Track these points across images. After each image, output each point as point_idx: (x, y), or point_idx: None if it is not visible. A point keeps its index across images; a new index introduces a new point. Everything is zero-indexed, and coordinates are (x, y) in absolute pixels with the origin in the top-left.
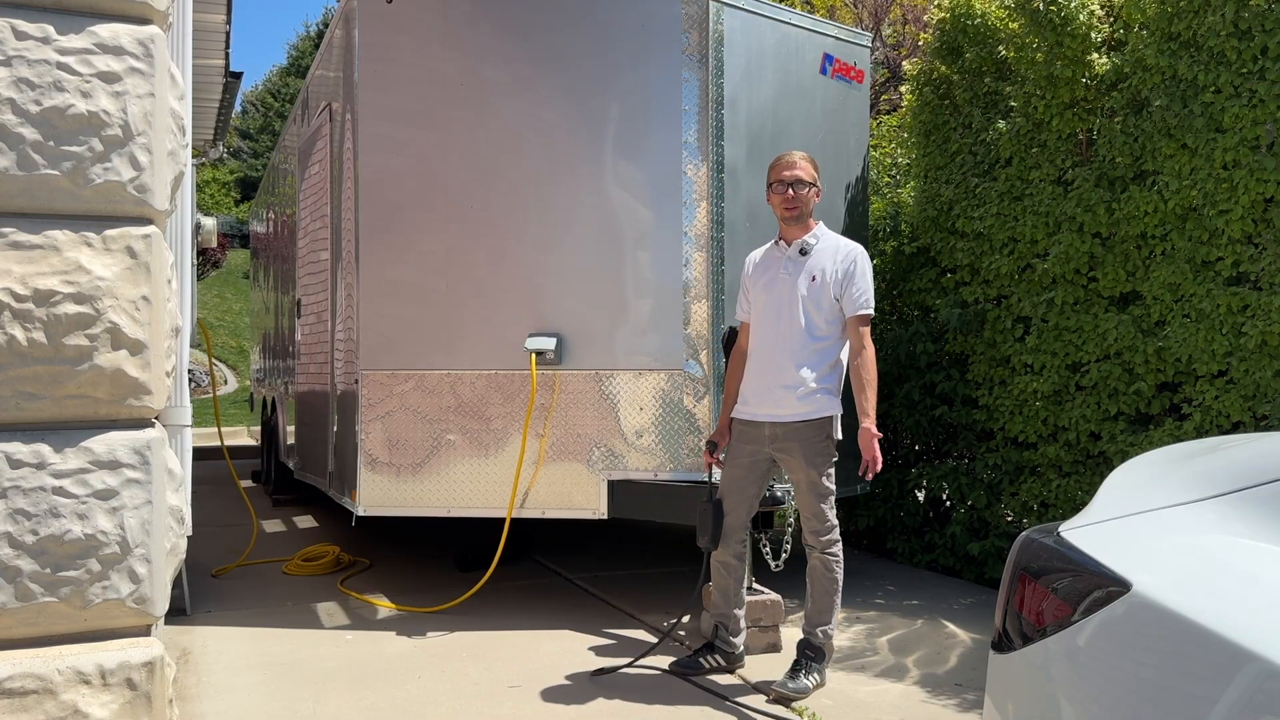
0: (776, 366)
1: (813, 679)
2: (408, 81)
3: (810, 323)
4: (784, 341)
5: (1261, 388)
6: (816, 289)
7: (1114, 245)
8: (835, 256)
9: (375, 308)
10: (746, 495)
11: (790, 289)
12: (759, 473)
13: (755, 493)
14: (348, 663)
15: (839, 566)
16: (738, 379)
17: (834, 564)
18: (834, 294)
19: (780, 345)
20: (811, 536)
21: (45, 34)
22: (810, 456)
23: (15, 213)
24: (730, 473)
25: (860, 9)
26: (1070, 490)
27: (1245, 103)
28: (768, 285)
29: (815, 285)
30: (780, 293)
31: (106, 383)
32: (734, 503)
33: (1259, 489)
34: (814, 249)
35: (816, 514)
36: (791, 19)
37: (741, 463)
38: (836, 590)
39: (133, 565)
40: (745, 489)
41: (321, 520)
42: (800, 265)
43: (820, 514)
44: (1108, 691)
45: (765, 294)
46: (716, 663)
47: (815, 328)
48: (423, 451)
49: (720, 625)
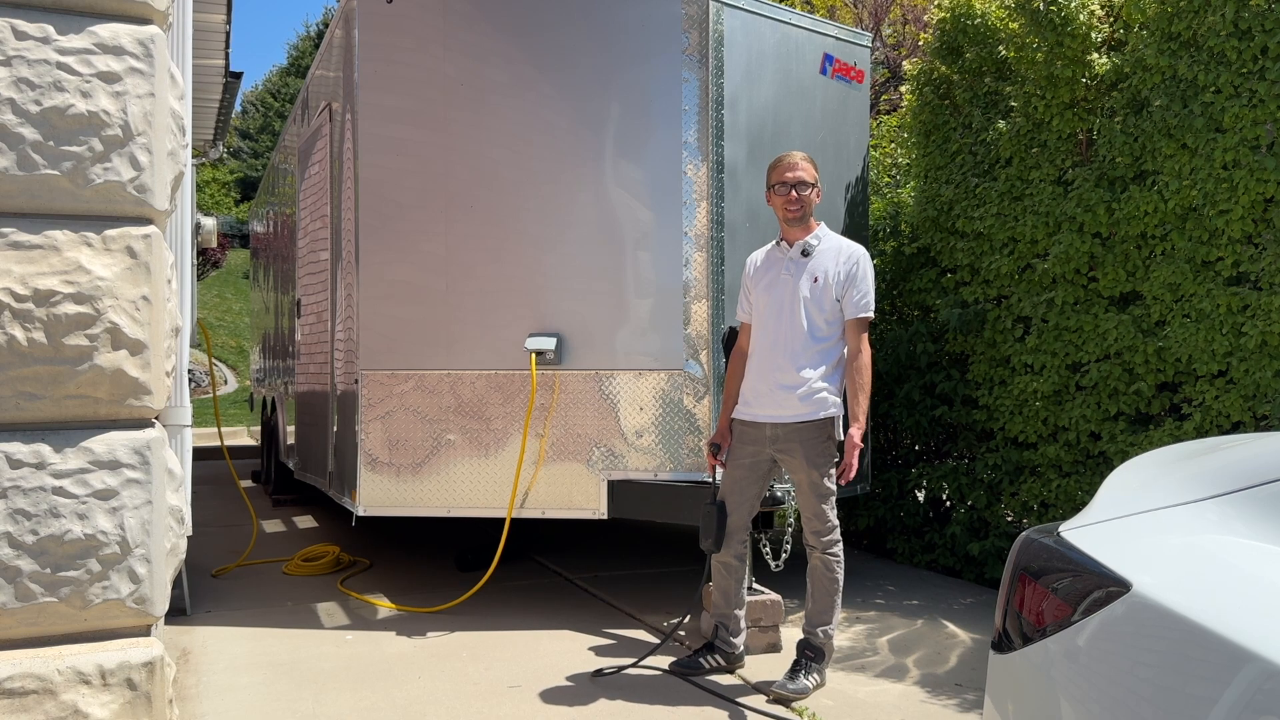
0: (778, 367)
1: (813, 679)
2: (408, 81)
3: (812, 324)
4: (786, 342)
5: (1261, 388)
6: (819, 290)
7: (1114, 245)
8: (838, 258)
9: (375, 308)
10: (748, 496)
11: (792, 290)
12: (760, 473)
13: (756, 493)
14: (348, 663)
15: (840, 567)
16: (738, 379)
17: (835, 564)
18: (835, 295)
19: (782, 346)
20: (813, 537)
21: (45, 34)
22: (811, 457)
23: (15, 213)
24: (731, 474)
25: (860, 9)
26: (1070, 490)
27: (1245, 103)
28: (769, 286)
29: (818, 287)
30: (782, 294)
31: (106, 383)
32: (735, 504)
33: (1259, 489)
34: (816, 250)
35: (818, 514)
36: (791, 19)
37: (743, 464)
38: (837, 591)
39: (133, 565)
40: (747, 490)
41: (321, 520)
42: (802, 266)
43: (821, 514)
44: (1108, 691)
45: (767, 295)
46: (716, 663)
47: (817, 329)
48: (423, 451)
49: (720, 625)
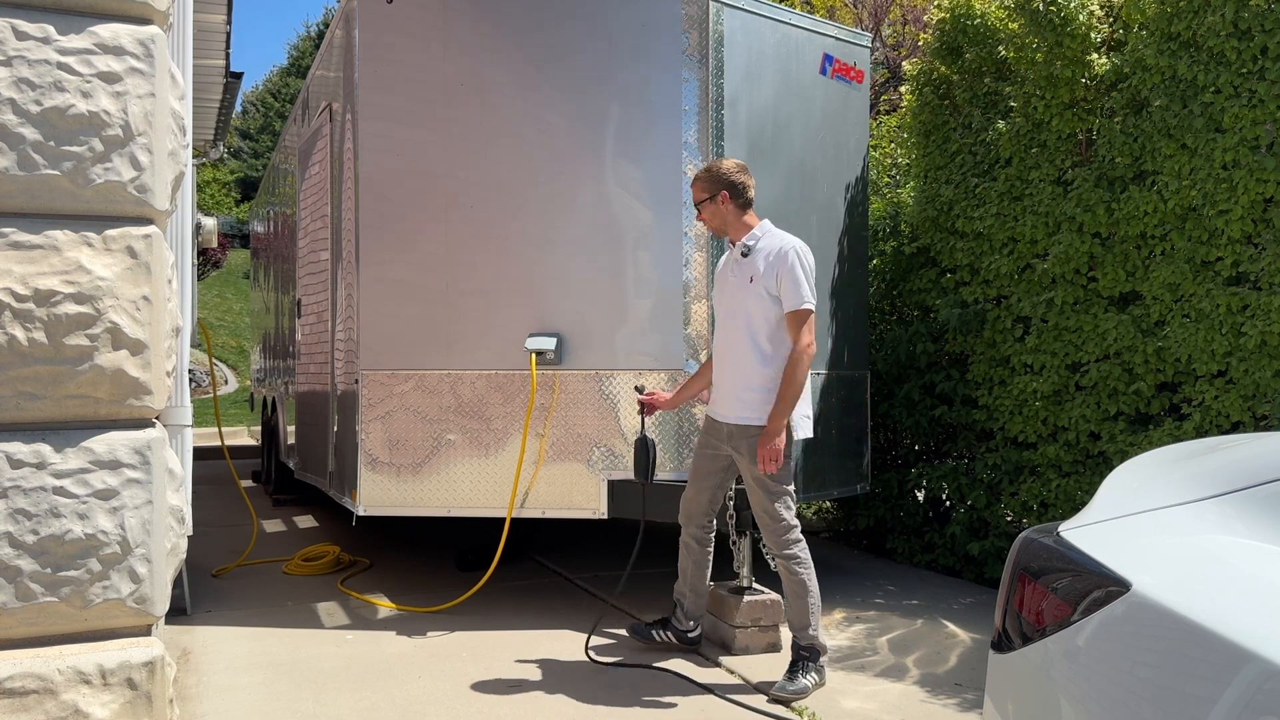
0: (728, 367)
1: (811, 679)
2: (408, 81)
3: (751, 323)
4: (733, 343)
5: (1261, 388)
6: (755, 289)
7: (1114, 245)
8: (770, 256)
9: (375, 307)
10: (709, 484)
11: (735, 290)
12: (720, 466)
13: (718, 484)
14: (348, 663)
15: (802, 567)
16: (708, 374)
17: (796, 566)
18: (767, 292)
19: (730, 346)
20: (770, 540)
21: (46, 34)
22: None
23: (15, 213)
24: (696, 460)
25: (860, 9)
26: (1070, 490)
27: (1245, 103)
28: (721, 288)
29: (753, 286)
30: (730, 294)
31: (107, 383)
32: (696, 489)
33: (1259, 489)
34: (753, 250)
35: (769, 512)
36: (791, 19)
37: (706, 453)
38: (807, 592)
39: (133, 565)
40: (708, 478)
41: (322, 520)
42: (743, 266)
43: (773, 513)
44: (1107, 691)
45: (719, 297)
46: (666, 638)
47: (756, 329)
48: (423, 451)
49: (676, 603)
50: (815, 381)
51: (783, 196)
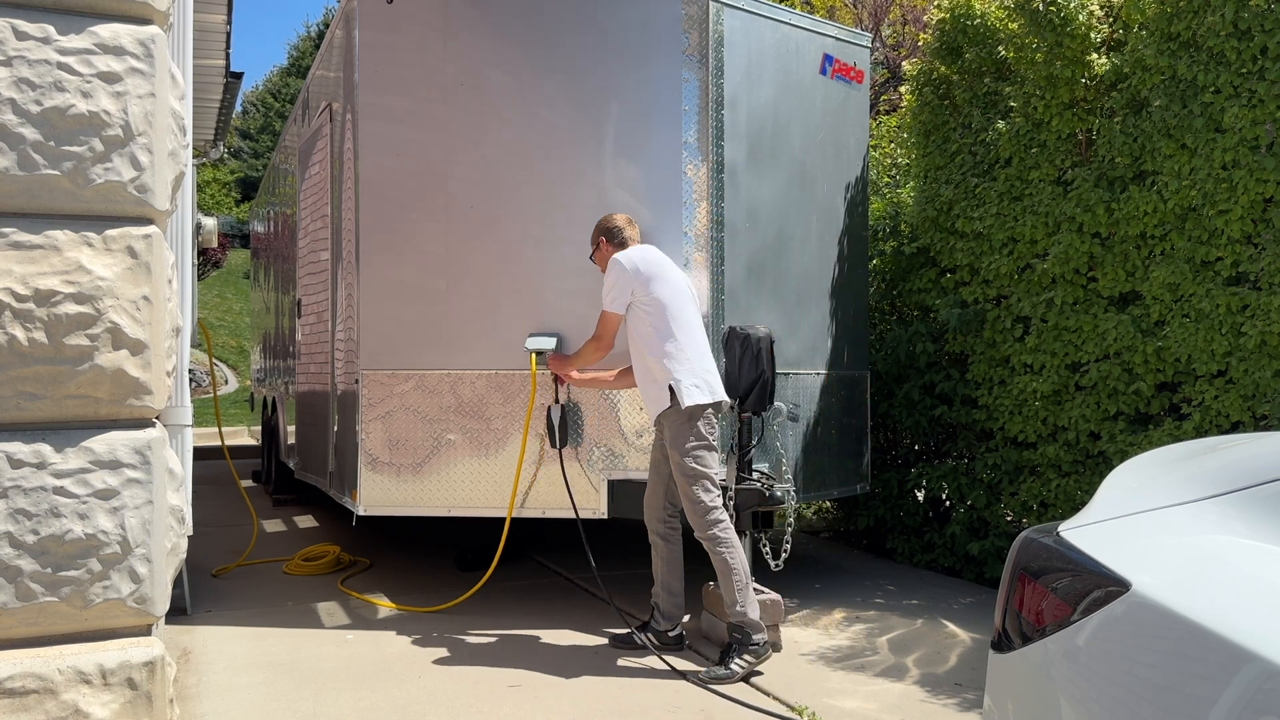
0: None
1: (741, 662)
2: (408, 81)
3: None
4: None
5: (1261, 388)
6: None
7: (1114, 245)
8: None
9: (375, 308)
10: (662, 475)
11: None
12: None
13: (669, 474)
14: (348, 662)
15: (724, 547)
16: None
17: (718, 547)
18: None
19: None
20: (691, 520)
21: (46, 34)
22: (673, 438)
23: (16, 213)
24: (652, 453)
25: (860, 9)
26: (1070, 490)
27: (1245, 103)
28: None
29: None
30: None
31: (107, 383)
32: (652, 484)
33: (1259, 489)
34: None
35: (688, 495)
36: (791, 19)
37: (660, 444)
38: (731, 570)
39: (133, 565)
40: (660, 470)
41: (322, 520)
42: None
43: (690, 495)
44: (1107, 691)
45: None
46: (649, 640)
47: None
48: (423, 451)
49: (654, 605)
50: (815, 381)
51: (782, 196)
